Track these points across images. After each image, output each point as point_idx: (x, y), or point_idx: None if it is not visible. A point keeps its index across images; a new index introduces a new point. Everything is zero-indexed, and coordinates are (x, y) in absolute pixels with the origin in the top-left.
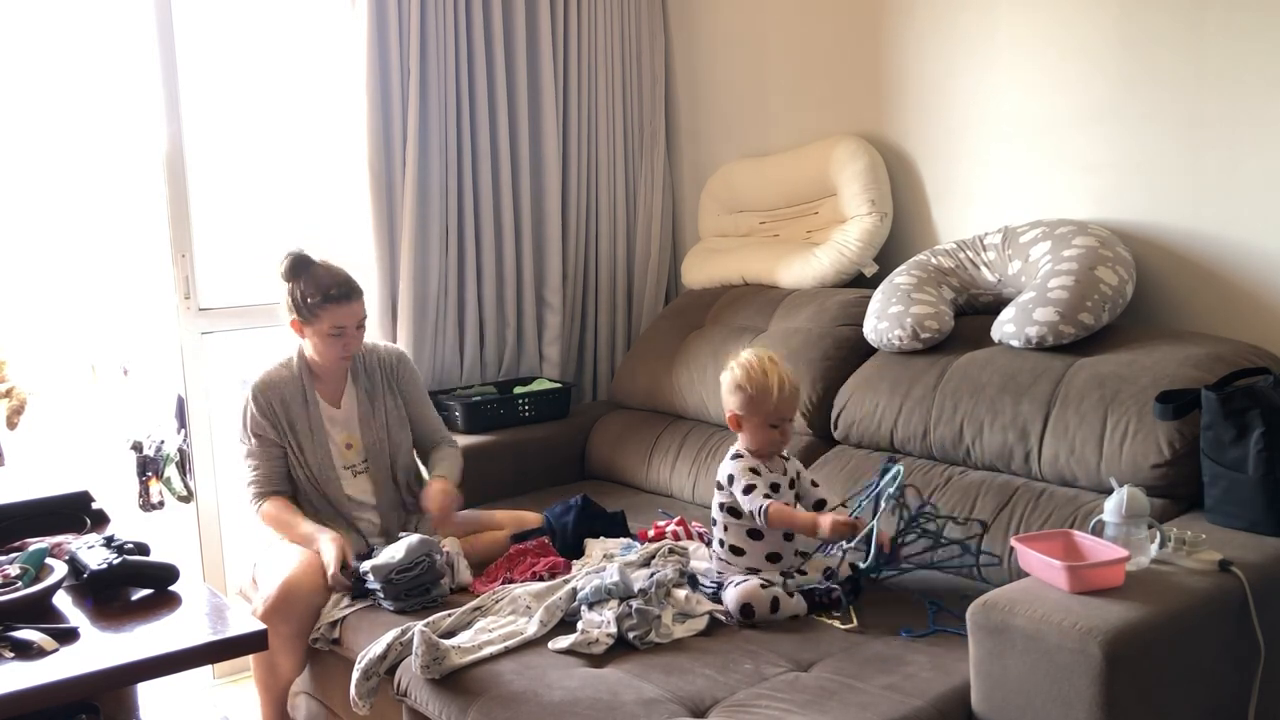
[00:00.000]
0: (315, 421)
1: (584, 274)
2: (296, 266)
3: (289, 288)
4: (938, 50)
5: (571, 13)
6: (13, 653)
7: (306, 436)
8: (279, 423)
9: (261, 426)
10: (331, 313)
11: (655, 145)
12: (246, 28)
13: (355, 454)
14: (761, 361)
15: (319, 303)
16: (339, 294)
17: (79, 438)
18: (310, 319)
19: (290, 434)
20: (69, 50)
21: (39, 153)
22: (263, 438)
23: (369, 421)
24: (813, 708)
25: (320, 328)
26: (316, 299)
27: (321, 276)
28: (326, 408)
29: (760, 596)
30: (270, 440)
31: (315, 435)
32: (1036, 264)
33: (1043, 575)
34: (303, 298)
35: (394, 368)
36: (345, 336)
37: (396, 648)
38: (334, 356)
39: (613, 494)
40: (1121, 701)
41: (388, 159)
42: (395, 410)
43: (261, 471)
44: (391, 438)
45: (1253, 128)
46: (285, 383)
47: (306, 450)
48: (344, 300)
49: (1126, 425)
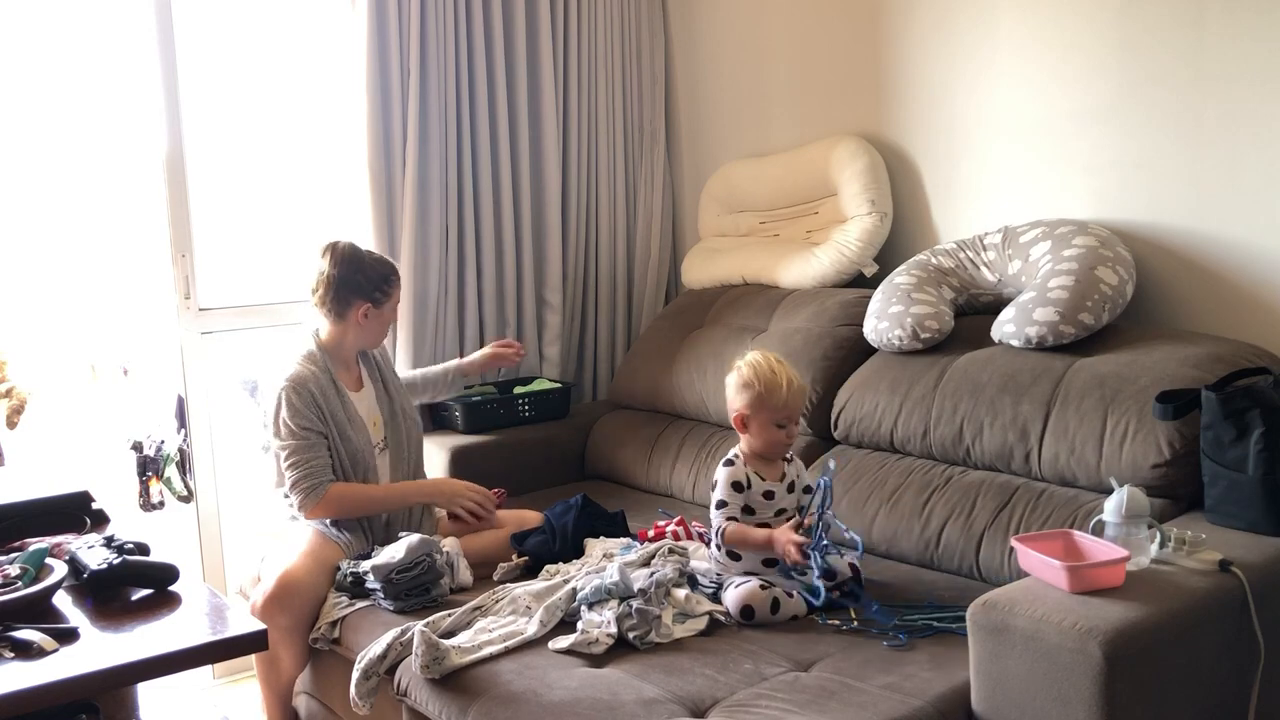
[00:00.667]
0: (350, 409)
1: (584, 274)
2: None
3: (345, 276)
4: (938, 50)
5: (571, 13)
6: (13, 653)
7: (346, 424)
8: (321, 414)
9: (307, 418)
10: (399, 290)
11: (655, 145)
12: (246, 28)
13: (380, 430)
14: (769, 360)
15: (394, 283)
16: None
17: (79, 438)
18: (382, 299)
19: (333, 423)
20: (69, 51)
21: (40, 153)
22: (310, 430)
23: (385, 403)
24: (813, 708)
25: (390, 305)
26: (391, 281)
27: (375, 260)
28: (350, 393)
29: (761, 598)
30: (317, 431)
31: (353, 422)
32: (1036, 264)
33: (1043, 575)
34: (380, 279)
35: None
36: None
37: (396, 648)
38: (382, 337)
39: (613, 494)
40: (1121, 701)
41: (388, 159)
42: (395, 381)
43: (314, 465)
44: (404, 409)
45: (1253, 128)
46: (315, 377)
47: (350, 435)
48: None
49: (1126, 425)
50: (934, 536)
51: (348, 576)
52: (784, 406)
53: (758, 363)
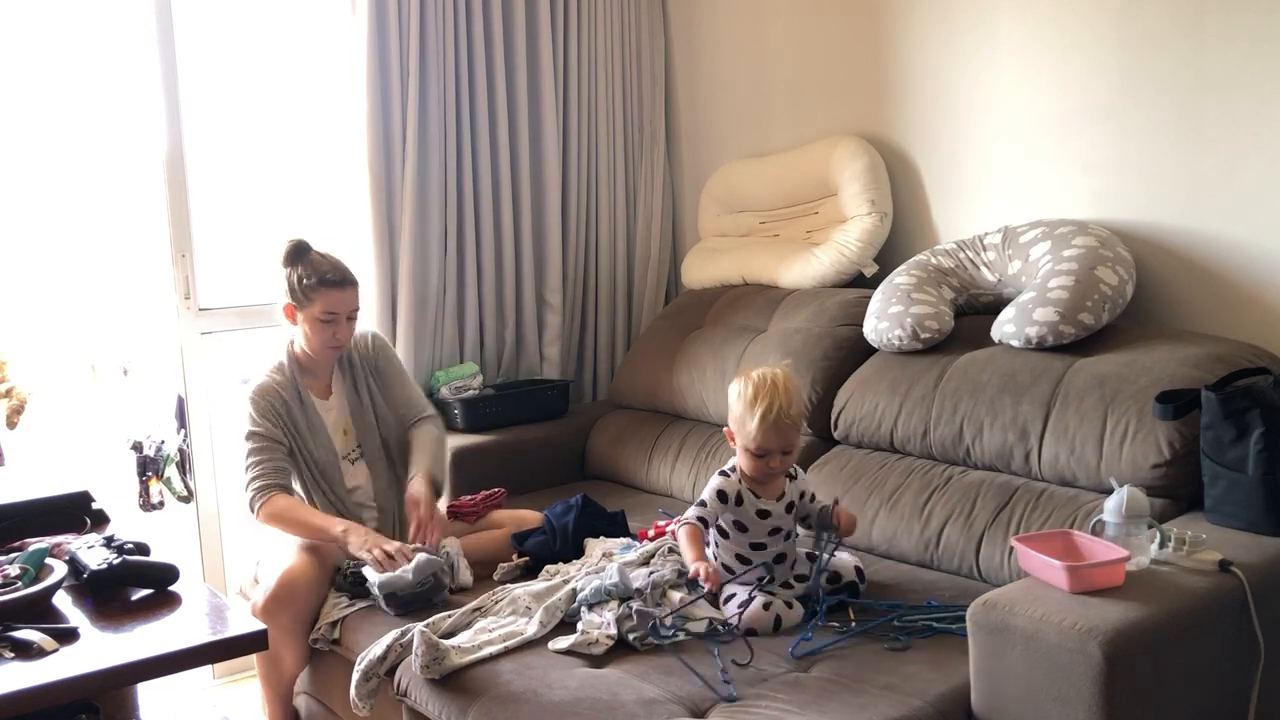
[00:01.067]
0: (313, 418)
1: (584, 274)
2: (296, 252)
3: (286, 273)
4: (938, 50)
5: (571, 13)
6: (13, 653)
7: (309, 435)
8: (281, 422)
9: (262, 424)
10: (326, 297)
11: (655, 145)
12: (247, 29)
13: (351, 440)
14: (765, 380)
15: (314, 285)
16: (334, 279)
17: (79, 438)
18: (304, 303)
19: (294, 434)
20: (70, 52)
21: (40, 154)
22: (264, 435)
23: (359, 411)
24: (812, 708)
25: (313, 311)
26: (312, 281)
27: (319, 262)
28: (318, 402)
29: (763, 619)
30: (274, 437)
31: (316, 433)
32: (1036, 264)
33: (1043, 575)
34: (299, 280)
35: (370, 352)
36: (336, 324)
37: (396, 648)
38: (323, 344)
39: (613, 494)
40: (1121, 701)
41: (388, 159)
42: (380, 395)
43: (265, 466)
44: (382, 422)
45: (1252, 128)
46: (280, 386)
47: (311, 448)
48: (338, 286)
49: (1126, 425)
50: (934, 536)
51: (348, 576)
52: (759, 436)
53: (753, 379)
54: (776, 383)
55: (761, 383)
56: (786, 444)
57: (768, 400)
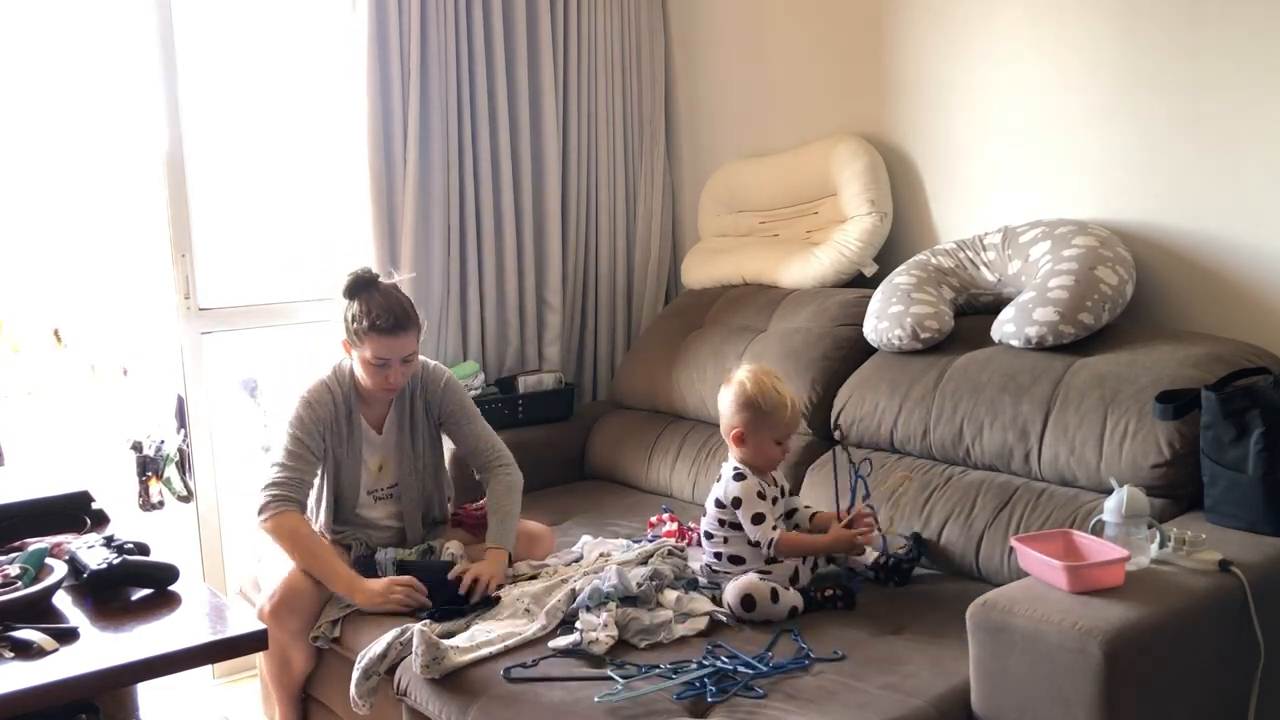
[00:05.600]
0: (355, 444)
1: (584, 274)
2: (356, 286)
3: (345, 305)
4: (938, 50)
5: (571, 13)
6: (13, 653)
7: (344, 458)
8: (325, 435)
9: (310, 434)
10: (375, 343)
11: (655, 145)
12: (247, 29)
13: (385, 478)
14: (770, 378)
15: (364, 329)
16: (385, 326)
17: (79, 438)
18: (356, 343)
19: (330, 454)
20: (70, 52)
21: (40, 154)
22: (307, 446)
23: (406, 453)
24: (813, 708)
25: (364, 355)
26: (364, 325)
27: (376, 302)
28: (368, 430)
29: (761, 588)
30: (311, 448)
31: (350, 459)
32: (1036, 264)
33: (1043, 575)
34: (353, 319)
35: (432, 391)
36: (389, 369)
37: (396, 647)
38: (376, 387)
39: (613, 494)
40: (1121, 701)
41: (388, 159)
42: (431, 443)
43: (293, 476)
44: (424, 471)
45: (1253, 128)
46: (333, 400)
47: (341, 472)
48: (389, 333)
49: (1126, 425)
50: (934, 536)
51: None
52: (786, 425)
53: (760, 380)
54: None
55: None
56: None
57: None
